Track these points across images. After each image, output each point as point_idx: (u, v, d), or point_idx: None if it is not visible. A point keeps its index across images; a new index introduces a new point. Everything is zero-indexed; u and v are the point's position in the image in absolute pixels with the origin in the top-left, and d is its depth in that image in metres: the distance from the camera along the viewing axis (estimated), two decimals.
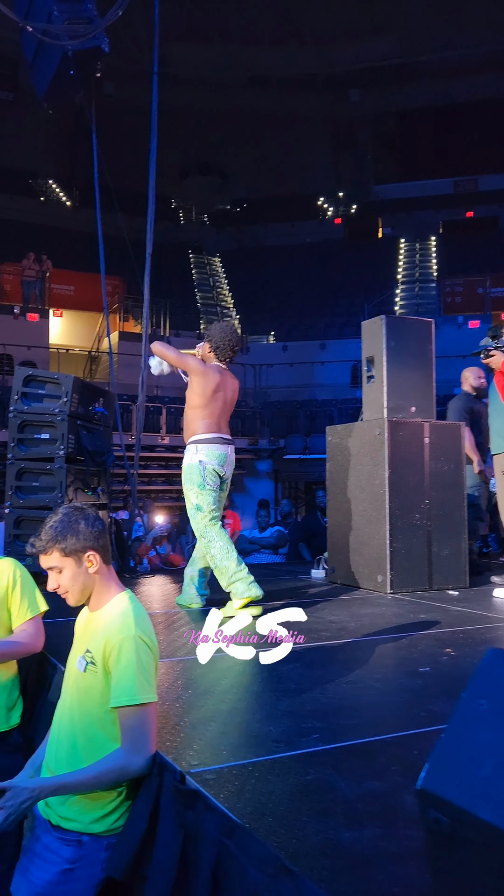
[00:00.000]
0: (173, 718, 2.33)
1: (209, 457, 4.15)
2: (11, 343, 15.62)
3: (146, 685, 1.95)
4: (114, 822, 1.98)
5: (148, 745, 1.94)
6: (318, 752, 2.03)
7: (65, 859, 1.95)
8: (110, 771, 1.93)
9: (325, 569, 5.79)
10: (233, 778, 1.85)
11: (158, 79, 6.93)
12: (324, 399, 17.25)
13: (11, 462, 5.14)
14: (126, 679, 1.94)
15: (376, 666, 3.05)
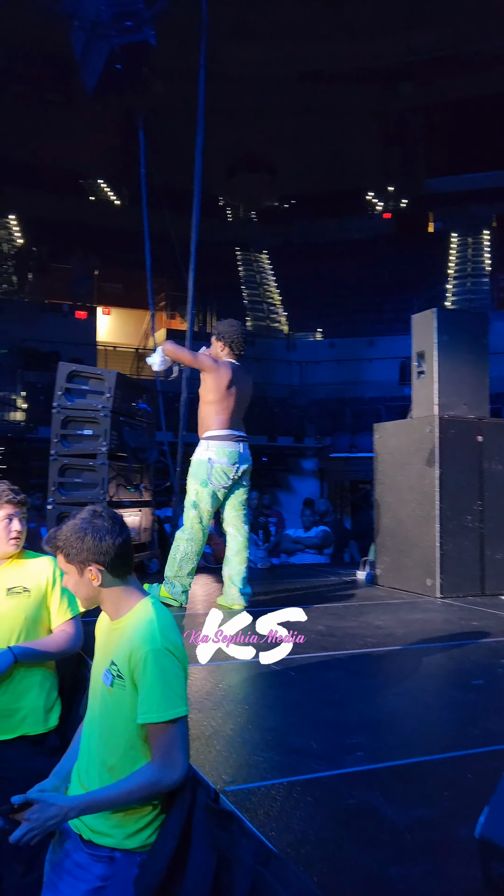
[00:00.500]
0: (208, 729, 2.22)
1: (219, 455, 4.10)
2: (60, 340, 15.78)
3: (175, 699, 1.83)
4: (148, 837, 1.87)
5: (181, 760, 1.83)
6: (362, 772, 1.89)
7: (96, 877, 1.85)
8: (142, 787, 1.82)
9: (371, 571, 5.63)
10: (270, 798, 1.72)
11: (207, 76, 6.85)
12: (371, 396, 16.96)
13: (54, 458, 5.11)
14: (153, 694, 1.82)
15: (426, 677, 2.89)
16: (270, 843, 1.50)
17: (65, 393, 5.14)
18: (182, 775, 1.83)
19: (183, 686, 1.87)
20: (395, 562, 5.21)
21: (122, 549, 1.94)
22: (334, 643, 3.47)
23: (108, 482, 5.02)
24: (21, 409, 13.82)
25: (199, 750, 2.03)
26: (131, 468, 5.43)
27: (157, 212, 7.91)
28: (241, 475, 4.19)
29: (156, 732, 1.83)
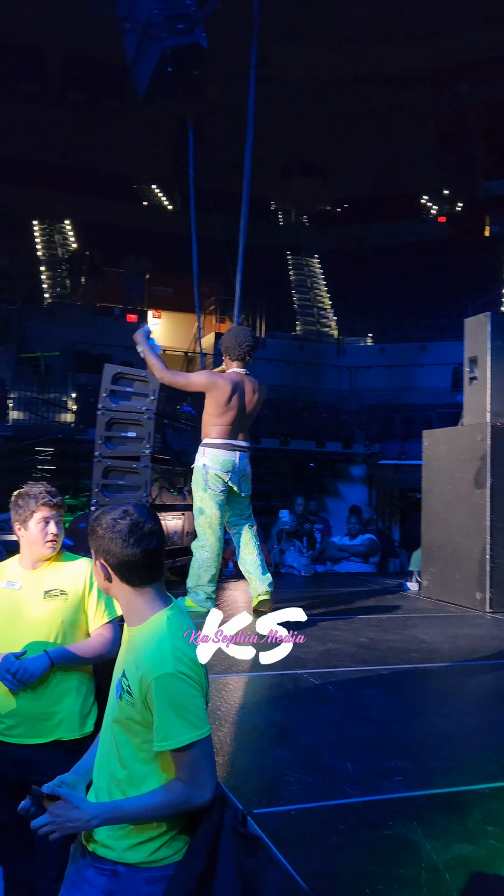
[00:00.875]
0: (237, 744, 2.13)
1: (213, 462, 4.13)
2: (111, 344, 15.95)
3: (192, 722, 1.73)
4: (153, 853, 1.78)
5: (209, 779, 1.75)
6: (400, 799, 1.78)
7: (100, 891, 1.78)
8: (171, 805, 1.75)
9: (418, 582, 5.46)
10: (300, 824, 1.63)
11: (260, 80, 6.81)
12: (422, 403, 16.66)
13: (98, 460, 5.10)
14: (169, 722, 1.73)
15: (473, 697, 2.75)
16: (299, 876, 1.40)
17: (109, 395, 5.13)
18: (212, 795, 1.75)
19: (199, 706, 1.76)
20: (442, 574, 5.04)
21: (133, 557, 1.84)
22: (376, 657, 3.34)
23: (151, 485, 4.99)
24: (71, 411, 14.00)
25: (226, 767, 1.95)
26: (175, 471, 5.39)
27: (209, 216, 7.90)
28: (236, 485, 4.16)
29: (178, 757, 1.74)
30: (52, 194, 23.43)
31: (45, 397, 13.88)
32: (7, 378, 14.29)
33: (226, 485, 4.13)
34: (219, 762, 1.99)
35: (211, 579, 4.12)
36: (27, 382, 14.21)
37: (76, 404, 14.05)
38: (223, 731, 2.24)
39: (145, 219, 24.03)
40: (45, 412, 13.58)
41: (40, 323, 16.38)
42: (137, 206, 25.22)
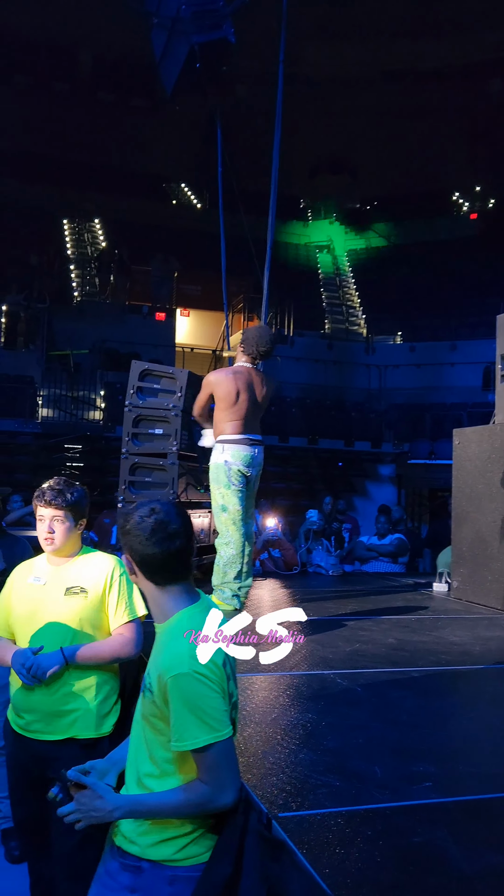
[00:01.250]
0: (263, 746, 2.09)
1: (234, 457, 4.07)
2: (140, 342, 16.00)
3: (206, 725, 1.69)
4: (178, 851, 1.75)
5: (231, 781, 1.71)
6: (429, 805, 1.73)
7: (123, 886, 1.76)
8: (192, 805, 1.72)
9: (447, 583, 5.38)
10: (326, 829, 1.59)
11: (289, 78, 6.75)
12: (452, 402, 16.46)
13: (125, 456, 5.10)
14: (182, 722, 1.70)
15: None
16: (324, 883, 1.36)
17: (137, 392, 5.13)
18: (235, 797, 1.71)
19: (218, 708, 1.72)
20: (473, 575, 4.95)
21: (154, 557, 1.83)
22: (405, 658, 3.28)
23: (178, 482, 4.97)
24: (99, 409, 14.08)
25: (252, 768, 1.92)
26: (201, 468, 5.37)
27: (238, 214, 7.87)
28: (254, 480, 4.16)
29: (197, 757, 1.71)
30: (81, 193, 23.60)
31: (73, 395, 13.97)
32: (37, 376, 14.41)
33: (245, 480, 4.09)
34: (243, 763, 1.96)
35: (237, 575, 4.09)
36: (56, 380, 14.31)
37: (104, 402, 14.12)
38: (248, 731, 2.20)
39: (174, 217, 24.09)
40: (74, 409, 13.67)
41: (69, 321, 16.49)
42: (166, 205, 25.29)
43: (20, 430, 12.59)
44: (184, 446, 5.05)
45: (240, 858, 1.68)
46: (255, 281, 17.88)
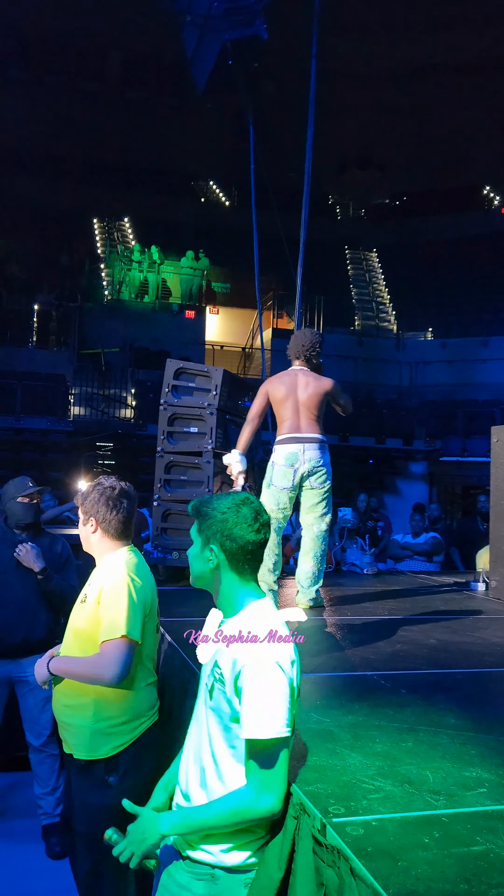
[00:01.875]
0: (313, 748, 2.06)
1: (278, 455, 4.16)
2: (170, 339, 16.07)
3: (280, 718, 1.67)
4: (253, 855, 1.74)
5: (278, 787, 1.69)
6: (486, 812, 1.69)
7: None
8: (234, 812, 1.69)
9: (485, 582, 5.30)
10: (383, 836, 1.55)
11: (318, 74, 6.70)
12: (485, 399, 16.26)
13: (161, 455, 5.11)
14: (259, 709, 1.67)
15: None
16: (384, 891, 1.33)
17: (172, 390, 5.13)
18: (278, 805, 1.68)
19: (288, 706, 1.70)
20: None
21: (254, 543, 1.83)
22: (448, 660, 3.23)
23: (213, 480, 4.96)
24: (130, 407, 14.16)
25: (301, 772, 1.89)
26: None
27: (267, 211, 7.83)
28: (303, 477, 4.12)
29: (254, 752, 1.69)
30: (111, 192, 23.74)
31: (105, 393, 14.06)
32: (68, 374, 14.54)
33: (292, 480, 4.09)
34: (291, 766, 1.93)
35: (270, 569, 4.12)
36: (88, 378, 14.42)
37: (135, 399, 14.20)
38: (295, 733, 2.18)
39: (203, 215, 24.13)
40: (105, 408, 13.76)
41: (100, 320, 16.61)
42: (195, 203, 25.34)
43: (52, 429, 12.71)
44: (219, 444, 5.04)
45: (290, 863, 1.66)
46: (283, 278, 17.86)
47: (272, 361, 15.95)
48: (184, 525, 5.01)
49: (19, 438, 12.95)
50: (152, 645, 2.61)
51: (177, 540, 4.94)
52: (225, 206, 25.36)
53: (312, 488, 4.16)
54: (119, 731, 2.46)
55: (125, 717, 2.44)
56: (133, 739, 2.47)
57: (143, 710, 2.51)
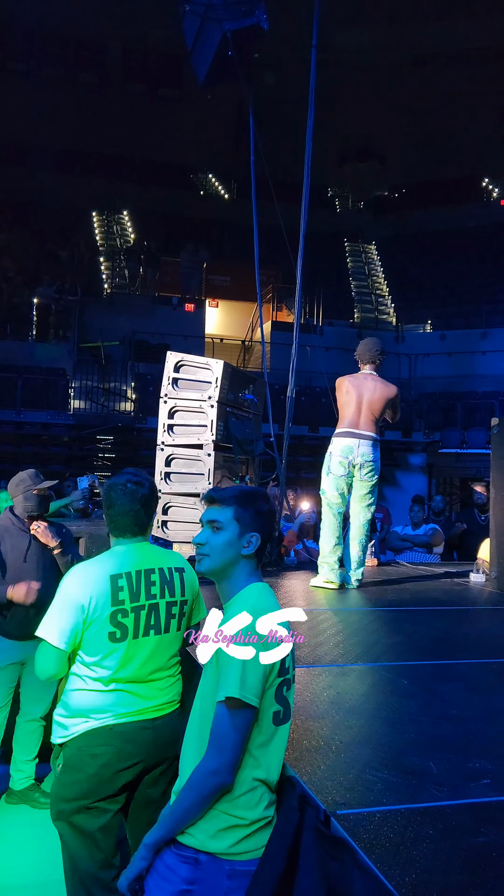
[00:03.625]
0: (316, 739, 2.07)
1: (335, 447, 4.70)
2: (169, 333, 16.02)
3: (251, 685, 1.73)
4: (236, 843, 1.74)
5: (227, 751, 1.71)
6: (490, 803, 1.69)
7: (181, 879, 1.75)
8: (192, 785, 1.74)
9: (485, 573, 5.30)
10: (387, 827, 1.55)
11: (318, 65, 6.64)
12: (484, 391, 16.25)
13: (161, 448, 5.10)
14: (232, 669, 1.73)
15: None
16: (390, 884, 1.33)
17: (172, 382, 5.11)
18: (224, 771, 1.71)
19: (259, 678, 1.74)
20: None
21: (270, 533, 1.98)
22: (450, 651, 3.24)
23: (214, 473, 4.96)
24: (130, 400, 14.13)
25: (307, 763, 1.89)
26: (237, 459, 5.35)
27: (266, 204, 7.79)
28: (355, 468, 4.63)
29: (219, 715, 1.73)
30: (110, 185, 23.64)
31: (105, 386, 14.03)
32: (68, 368, 14.51)
33: (346, 469, 4.62)
34: (294, 757, 1.93)
35: (331, 551, 4.65)
36: (88, 372, 14.39)
37: (135, 393, 14.17)
38: (298, 724, 2.18)
39: (202, 208, 24.05)
40: (106, 401, 13.74)
41: (100, 313, 16.56)
42: (194, 196, 25.24)
43: (53, 422, 12.69)
44: (219, 437, 5.03)
45: (295, 854, 1.66)
46: (283, 271, 17.80)
47: (272, 354, 15.95)
48: (184, 518, 5.01)
49: (20, 432, 12.93)
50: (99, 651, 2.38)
51: (179, 533, 4.94)
52: (224, 198, 25.26)
53: (361, 480, 4.68)
54: (62, 724, 2.43)
55: (68, 713, 2.41)
56: (76, 735, 2.39)
57: (86, 711, 2.38)
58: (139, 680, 2.43)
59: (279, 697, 1.81)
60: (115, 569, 2.44)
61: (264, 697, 1.77)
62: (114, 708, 2.39)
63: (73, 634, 2.35)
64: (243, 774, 1.75)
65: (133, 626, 2.41)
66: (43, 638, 2.36)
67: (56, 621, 2.36)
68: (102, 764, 2.34)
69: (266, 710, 1.78)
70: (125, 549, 2.53)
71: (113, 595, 2.39)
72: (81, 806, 2.34)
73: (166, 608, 2.49)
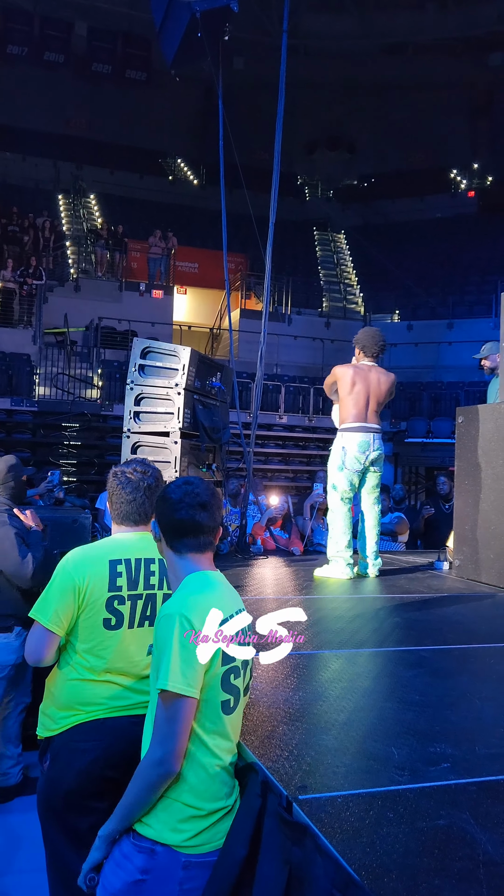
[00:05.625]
0: (281, 726, 2.07)
1: (350, 442, 4.71)
2: (136, 319, 15.88)
3: (182, 675, 1.72)
4: (192, 837, 1.74)
5: (167, 737, 1.72)
6: (450, 787, 1.71)
7: (137, 868, 1.75)
8: (140, 775, 1.76)
9: (448, 561, 5.37)
10: (348, 812, 1.56)
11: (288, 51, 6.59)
12: (450, 381, 16.43)
13: (127, 435, 5.05)
14: (165, 661, 1.74)
15: None
16: (350, 867, 1.34)
17: (138, 369, 5.07)
18: (169, 759, 1.71)
19: (192, 668, 1.74)
20: (475, 553, 4.94)
21: (176, 522, 1.94)
22: (413, 637, 3.28)
23: (180, 460, 4.93)
24: (97, 387, 13.99)
25: (270, 750, 1.90)
26: (204, 447, 5.33)
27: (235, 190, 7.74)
28: (370, 462, 4.75)
29: (160, 705, 1.75)
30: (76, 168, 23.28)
31: (70, 373, 13.87)
32: (33, 354, 14.30)
33: (361, 465, 4.71)
34: (256, 744, 1.94)
35: (347, 545, 4.73)
36: (53, 358, 14.21)
37: (102, 380, 14.04)
38: (259, 711, 2.19)
39: (171, 193, 23.83)
40: (72, 388, 13.58)
41: (66, 298, 16.34)
42: (163, 181, 25.00)
43: (17, 408, 12.50)
44: (186, 425, 5.00)
45: (257, 841, 1.67)
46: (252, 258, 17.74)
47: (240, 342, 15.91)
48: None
49: None
50: (93, 638, 2.36)
51: None
52: (193, 184, 25.05)
53: (374, 472, 4.81)
54: (50, 716, 2.40)
55: (57, 705, 2.37)
56: (63, 728, 2.35)
57: (76, 703, 2.34)
58: (132, 674, 2.38)
59: (226, 686, 1.81)
60: (115, 554, 2.42)
61: (209, 686, 1.77)
62: (106, 701, 2.33)
63: (68, 618, 2.31)
64: (197, 762, 1.75)
65: (129, 614, 2.37)
66: (36, 619, 2.31)
67: (51, 603, 2.31)
68: (91, 760, 2.26)
69: (212, 700, 1.78)
70: (127, 536, 2.52)
71: (111, 580, 2.36)
72: (69, 803, 2.26)
73: (164, 601, 2.41)
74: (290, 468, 14.07)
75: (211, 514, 1.95)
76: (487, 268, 20.38)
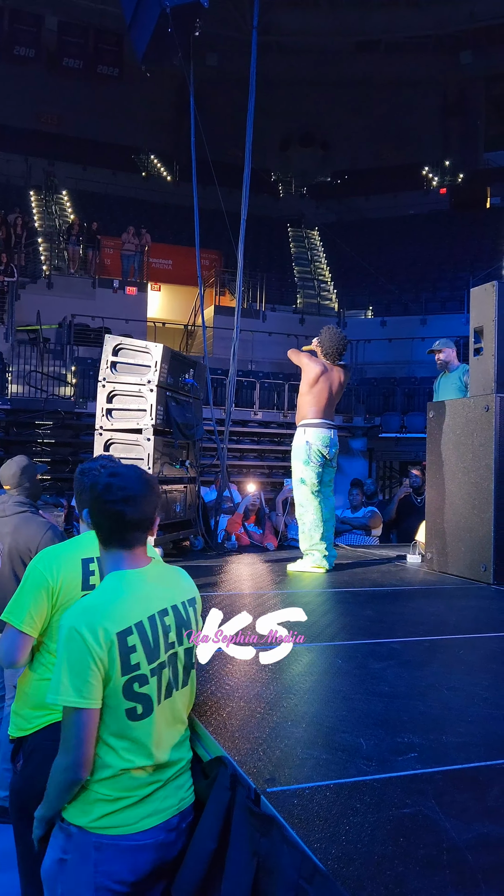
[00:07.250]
0: (251, 720, 2.08)
1: (314, 438, 4.80)
2: (110, 316, 15.77)
3: (72, 687, 1.70)
4: (99, 819, 1.76)
5: (70, 747, 1.73)
6: (416, 776, 1.74)
7: (59, 847, 1.82)
8: (52, 776, 1.79)
9: (420, 554, 5.43)
10: (315, 803, 1.58)
11: (260, 47, 6.59)
12: (423, 376, 16.55)
13: (100, 433, 5.03)
14: (56, 673, 1.74)
15: (483, 670, 2.71)
16: (315, 857, 1.35)
17: (111, 366, 5.04)
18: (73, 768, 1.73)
19: (92, 678, 1.71)
20: (446, 546, 5.00)
21: (101, 517, 1.87)
22: (384, 630, 3.31)
23: (153, 458, 4.92)
24: (70, 385, 13.89)
25: (239, 743, 1.90)
26: (177, 444, 5.32)
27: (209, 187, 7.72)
28: (331, 458, 4.89)
29: (63, 716, 1.76)
30: (48, 164, 23.06)
31: (43, 371, 13.74)
32: (5, 351, 14.15)
33: (324, 458, 4.82)
34: (226, 738, 1.95)
35: (322, 538, 4.80)
36: (26, 356, 14.07)
37: (75, 377, 13.94)
38: (230, 705, 2.19)
39: (144, 190, 23.71)
40: (45, 386, 13.46)
41: (38, 295, 16.19)
42: (136, 177, 24.87)
43: None
44: (159, 422, 4.99)
45: (226, 833, 1.68)
46: (226, 255, 17.70)
47: (214, 338, 15.88)
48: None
49: None
50: None
51: None
52: (167, 180, 24.95)
53: (332, 466, 4.95)
54: (23, 716, 2.39)
55: (30, 705, 2.36)
56: (37, 728, 2.35)
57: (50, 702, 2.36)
58: None
59: (130, 695, 1.76)
60: (87, 552, 2.36)
61: (110, 696, 1.74)
62: None
63: (42, 618, 2.29)
64: (105, 764, 1.76)
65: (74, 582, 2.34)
66: (8, 622, 2.29)
67: (24, 605, 2.28)
68: None
69: (116, 708, 1.75)
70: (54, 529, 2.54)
71: (84, 578, 2.33)
72: None
73: None
74: (265, 464, 14.08)
75: (138, 507, 1.84)
76: (459, 264, 20.57)
